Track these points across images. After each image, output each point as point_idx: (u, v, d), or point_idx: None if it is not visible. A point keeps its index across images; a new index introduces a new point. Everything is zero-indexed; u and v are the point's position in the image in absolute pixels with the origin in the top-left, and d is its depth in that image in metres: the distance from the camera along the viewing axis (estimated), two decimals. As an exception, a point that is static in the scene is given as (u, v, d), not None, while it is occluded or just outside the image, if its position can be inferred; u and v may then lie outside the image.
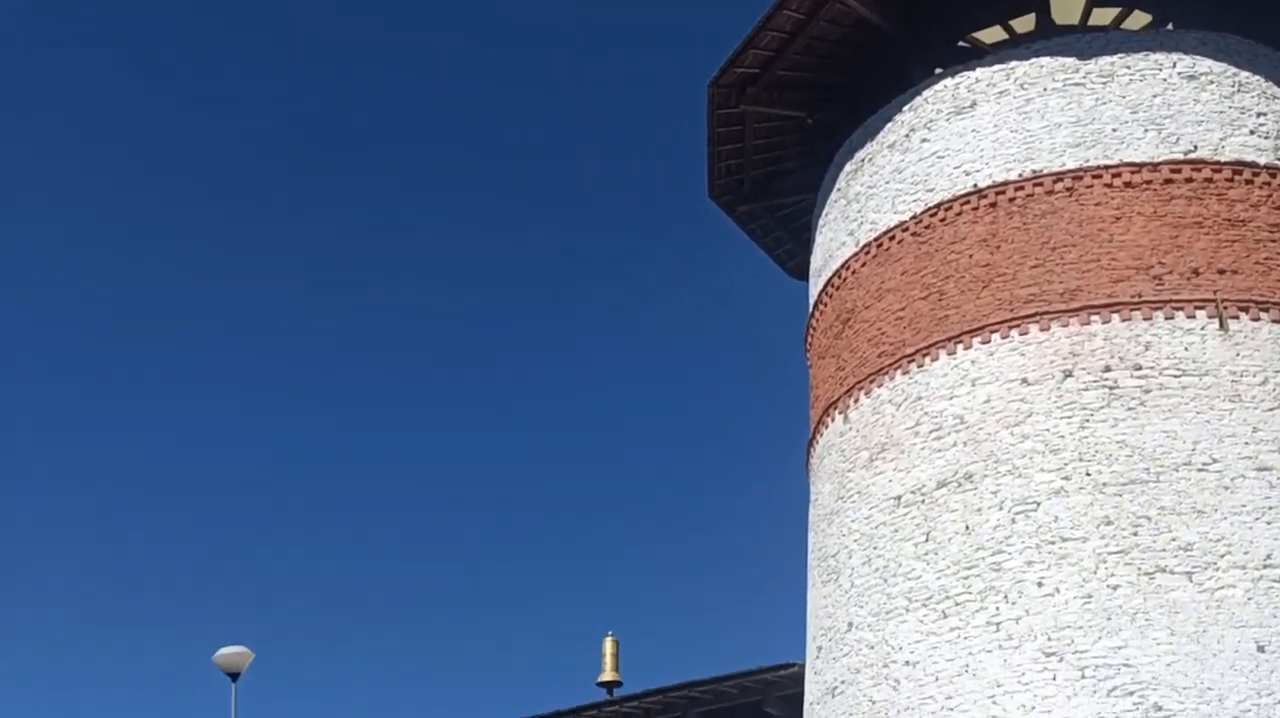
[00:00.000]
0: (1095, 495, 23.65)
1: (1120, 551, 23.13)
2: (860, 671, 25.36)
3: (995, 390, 25.25)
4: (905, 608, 24.84)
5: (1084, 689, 22.31)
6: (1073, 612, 22.91)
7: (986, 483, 24.66)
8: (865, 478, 26.87)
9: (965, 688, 23.38)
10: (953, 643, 23.89)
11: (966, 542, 24.47)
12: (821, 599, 27.56)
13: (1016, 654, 23.07)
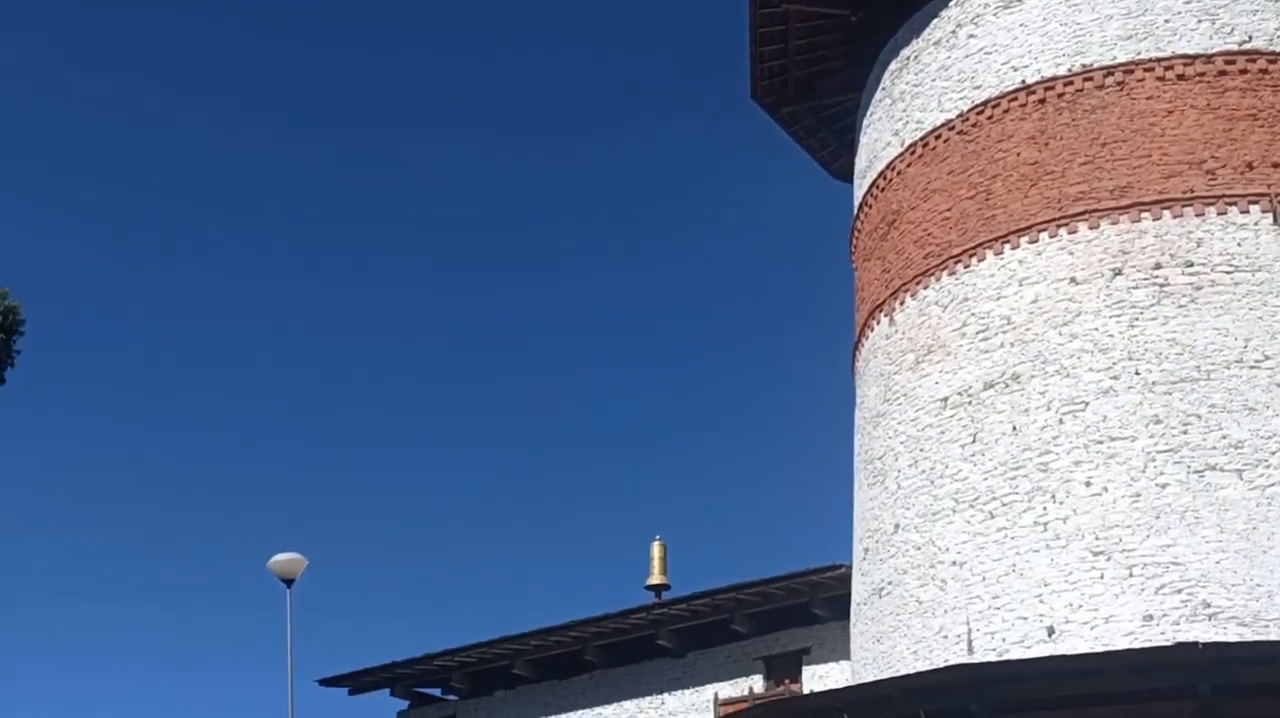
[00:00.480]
0: (1145, 394, 23.47)
1: (1170, 449, 22.99)
2: (907, 571, 25.49)
3: (1043, 290, 24.99)
4: (952, 509, 24.88)
5: (1132, 588, 22.32)
6: (1121, 511, 22.86)
7: (1034, 384, 24.50)
8: (911, 380, 26.78)
9: (1012, 588, 23.46)
10: (1000, 543, 23.93)
11: (1014, 443, 24.39)
12: (868, 502, 27.65)
13: (1064, 554, 23.08)
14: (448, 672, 38.80)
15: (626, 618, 35.05)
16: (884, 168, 28.90)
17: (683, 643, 34.81)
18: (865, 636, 26.91)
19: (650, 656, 35.30)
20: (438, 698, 40.48)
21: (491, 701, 38.50)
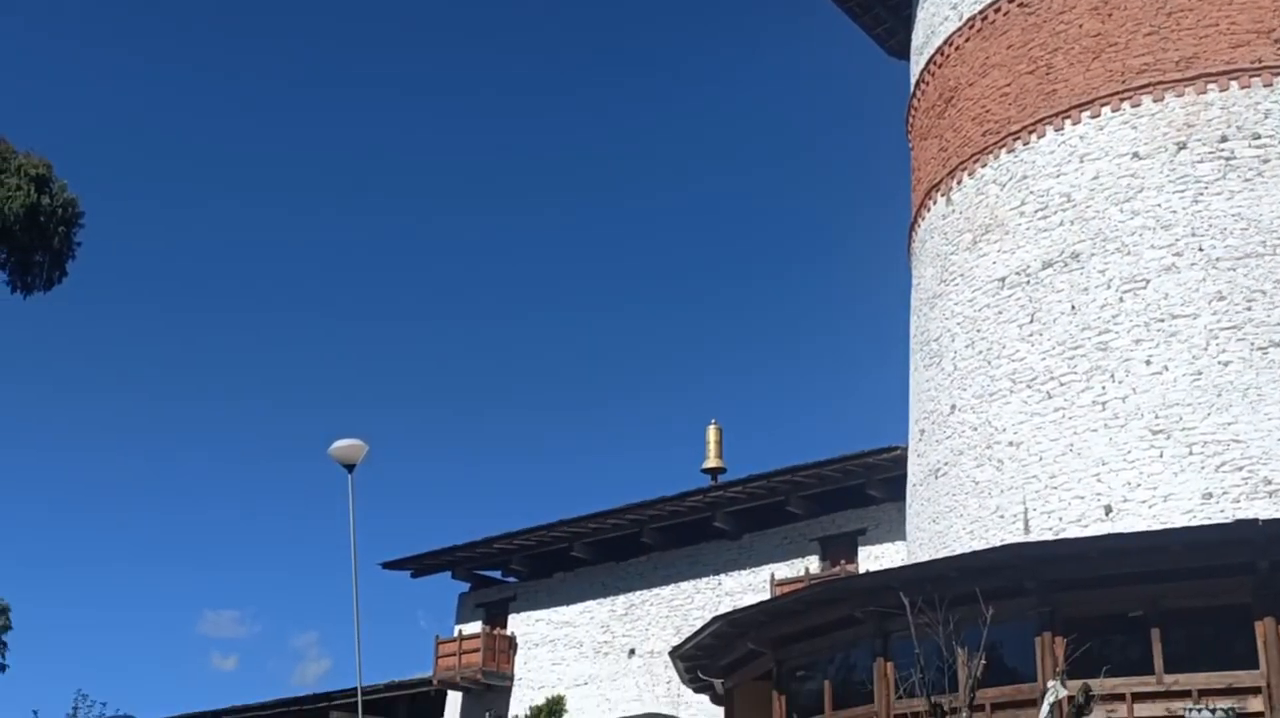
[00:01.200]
0: (1208, 271, 23.08)
1: (1232, 326, 22.66)
2: (963, 452, 25.47)
3: (1105, 166, 24.50)
4: (1009, 389, 24.74)
5: (1191, 466, 22.19)
6: (1181, 389, 22.64)
7: (1094, 262, 24.16)
8: (968, 260, 26.48)
9: (1070, 467, 23.39)
10: (1057, 423, 23.82)
11: (1073, 322, 24.13)
12: (924, 383, 27.55)
13: (1122, 433, 22.94)
14: (507, 555, 39.48)
15: (683, 501, 35.42)
16: (941, 44, 28.25)
17: (739, 525, 35.17)
18: (921, 516, 27.01)
19: (707, 537, 35.71)
20: (497, 580, 41.26)
21: (550, 582, 39.19)
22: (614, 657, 36.81)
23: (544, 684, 37.46)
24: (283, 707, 43.21)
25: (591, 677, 36.91)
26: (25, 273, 13.11)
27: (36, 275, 13.24)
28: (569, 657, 37.77)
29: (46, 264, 13.22)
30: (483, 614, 40.34)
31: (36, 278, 13.27)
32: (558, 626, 38.47)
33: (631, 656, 36.42)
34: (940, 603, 16.86)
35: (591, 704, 34.54)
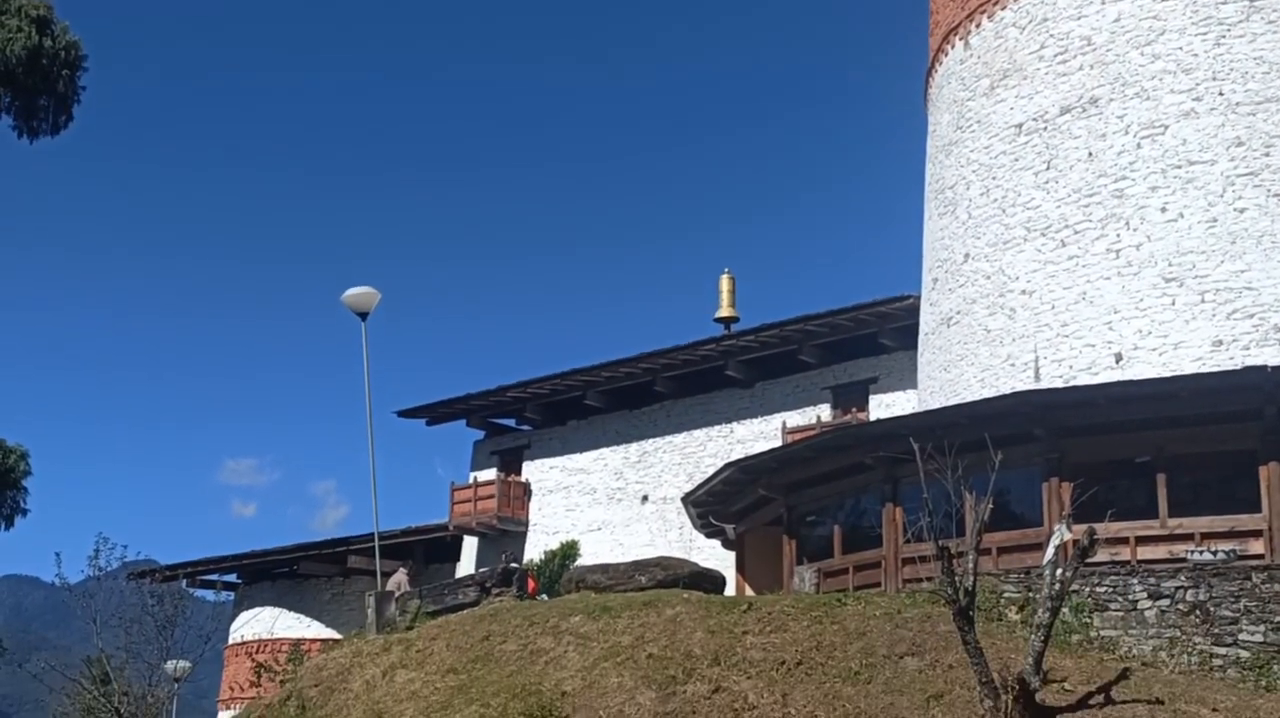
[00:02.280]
0: (1227, 116, 22.75)
1: (1250, 173, 22.42)
2: (976, 301, 25.46)
3: (1126, 8, 23.96)
4: (1023, 238, 24.62)
5: (1203, 313, 22.18)
6: (1196, 236, 22.51)
7: (1113, 107, 23.81)
8: (985, 106, 26.10)
9: (1082, 315, 23.40)
10: (1070, 271, 23.75)
11: (1089, 169, 23.89)
12: (938, 231, 27.41)
13: (1135, 281, 22.89)
14: (521, 403, 39.87)
15: (696, 349, 35.58)
16: (961, -120, 27.41)
17: (751, 373, 35.38)
18: (932, 364, 27.13)
19: (719, 386, 35.97)
20: (512, 428, 41.73)
21: (564, 430, 39.64)
22: (627, 503, 37.42)
23: (558, 530, 38.16)
24: (302, 552, 44.16)
25: (605, 522, 37.57)
26: (30, 117, 12.98)
27: (42, 120, 13.11)
28: (582, 503, 38.40)
29: (51, 108, 13.07)
30: (497, 462, 40.90)
31: (42, 122, 13.15)
32: (571, 472, 39.02)
33: (644, 502, 37.01)
34: (950, 449, 17.00)
35: (605, 549, 35.19)
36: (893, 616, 18.58)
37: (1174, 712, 15.34)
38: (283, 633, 42.85)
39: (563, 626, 20.47)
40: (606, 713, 16.92)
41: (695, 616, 19.63)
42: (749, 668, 17.75)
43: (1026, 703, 15.28)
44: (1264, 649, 16.69)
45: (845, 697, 16.56)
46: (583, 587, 23.67)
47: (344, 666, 21.81)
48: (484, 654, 20.35)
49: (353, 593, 41.37)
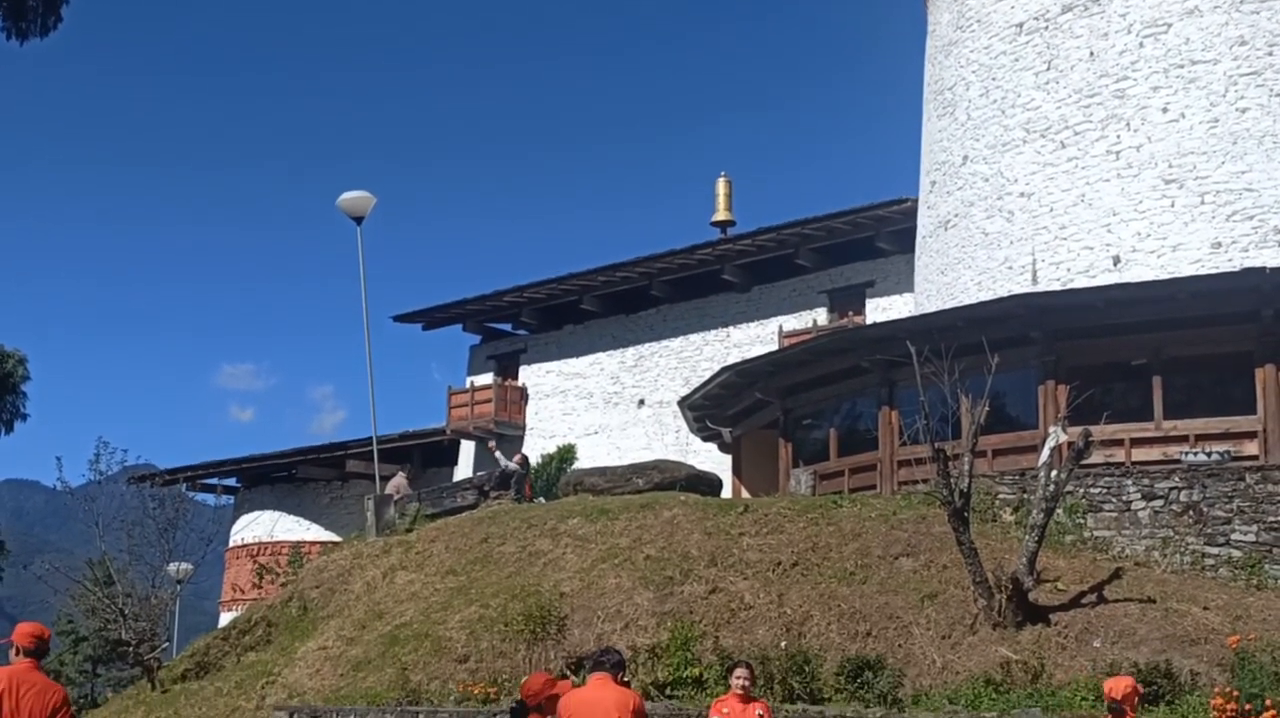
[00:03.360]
0: (1231, 14, 22.43)
1: (1253, 72, 22.17)
2: (974, 203, 25.32)
3: (1131, -96, 23.53)
4: (1023, 139, 24.41)
5: (1202, 215, 22.09)
6: (1197, 137, 22.33)
7: (1115, 5, 23.45)
8: (986, 5, 25.71)
9: (1080, 218, 23.29)
10: (1070, 173, 23.59)
11: (1090, 69, 23.61)
12: (937, 133, 27.17)
13: (1135, 183, 22.75)
14: (517, 308, 39.84)
15: (692, 254, 35.48)
16: None
17: (748, 278, 35.32)
18: (929, 268, 27.07)
19: (716, 290, 35.93)
20: (508, 333, 41.75)
21: (560, 335, 39.66)
22: (623, 407, 37.57)
23: (555, 434, 38.36)
24: (300, 456, 44.40)
25: (601, 426, 37.75)
26: (19, 17, 12.74)
27: (31, 20, 12.87)
28: (579, 407, 38.54)
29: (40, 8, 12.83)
30: (494, 366, 40.97)
31: (31, 23, 12.91)
32: (568, 377, 39.12)
33: (641, 406, 37.16)
34: (946, 353, 17.03)
35: (601, 453, 35.40)
36: (888, 517, 18.76)
37: (1166, 611, 15.55)
38: (283, 536, 43.25)
39: (561, 528, 20.66)
40: (604, 613, 17.14)
41: (692, 518, 19.81)
42: (745, 569, 17.96)
43: (1020, 602, 15.49)
44: (1256, 549, 16.88)
45: (840, 597, 16.77)
46: (580, 490, 23.86)
47: (344, 567, 22.05)
48: (483, 556, 20.56)
49: (351, 497, 41.68)
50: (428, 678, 16.56)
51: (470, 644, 17.36)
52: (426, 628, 18.20)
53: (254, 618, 22.43)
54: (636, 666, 15.17)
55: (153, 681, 21.39)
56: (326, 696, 16.95)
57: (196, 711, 18.91)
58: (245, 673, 19.61)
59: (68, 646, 46.76)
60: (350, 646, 18.68)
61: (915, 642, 15.63)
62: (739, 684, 10.94)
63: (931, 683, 14.83)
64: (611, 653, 8.10)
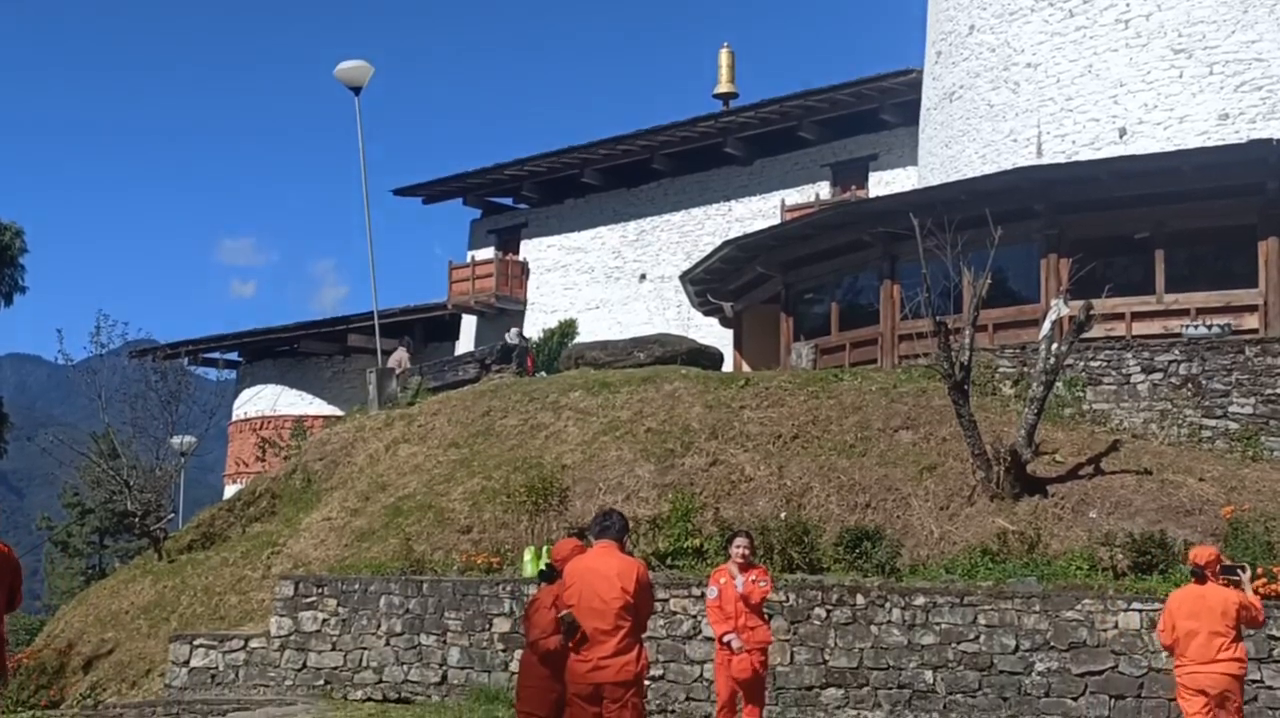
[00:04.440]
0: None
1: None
2: (980, 74, 24.95)
3: None
4: (1030, 8, 23.95)
5: (1210, 86, 21.78)
6: (1207, 6, 21.90)
7: None
8: None
9: (1087, 89, 22.97)
10: (1077, 43, 23.20)
11: (1101, -65, 23.05)
12: (942, 2, 26.66)
13: (1143, 53, 22.39)
14: (518, 181, 39.53)
15: (694, 126, 35.08)
16: None
17: (750, 151, 34.97)
18: (934, 140, 26.80)
19: (718, 163, 35.60)
20: (509, 207, 41.49)
21: (561, 208, 39.42)
22: (625, 282, 37.50)
23: (556, 309, 38.35)
24: (302, 330, 44.46)
25: (603, 301, 37.72)
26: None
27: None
28: (580, 282, 38.48)
29: None
30: (495, 241, 40.81)
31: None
32: (569, 251, 38.98)
33: (642, 280, 37.09)
34: (949, 226, 16.92)
35: (603, 328, 35.40)
36: (888, 390, 18.83)
37: (1162, 482, 15.70)
38: (285, 410, 43.52)
39: (562, 401, 20.76)
40: (606, 485, 17.31)
41: (693, 391, 19.89)
42: (746, 442, 18.09)
43: (1018, 474, 15.64)
44: (1253, 421, 16.98)
45: (840, 469, 16.92)
46: (582, 363, 23.91)
47: (347, 440, 22.21)
48: (485, 429, 20.69)
49: (353, 371, 41.83)
50: (431, 548, 16.79)
51: (473, 515, 17.56)
52: (429, 500, 18.40)
53: (258, 490, 22.68)
54: (638, 536, 15.37)
55: (159, 551, 21.70)
56: (331, 565, 17.21)
57: (203, 580, 19.21)
58: (250, 544, 19.89)
59: (75, 518, 47.40)
60: (354, 517, 18.90)
61: (913, 513, 15.82)
62: (739, 554, 11.08)
63: (929, 553, 15.03)
64: (613, 517, 8.01)
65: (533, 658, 7.59)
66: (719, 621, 10.93)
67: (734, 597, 10.83)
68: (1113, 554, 13.84)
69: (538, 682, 7.49)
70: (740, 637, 10.77)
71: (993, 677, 13.01)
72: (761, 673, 10.96)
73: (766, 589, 11.01)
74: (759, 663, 10.92)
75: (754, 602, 10.91)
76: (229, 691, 15.48)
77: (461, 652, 14.83)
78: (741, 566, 11.01)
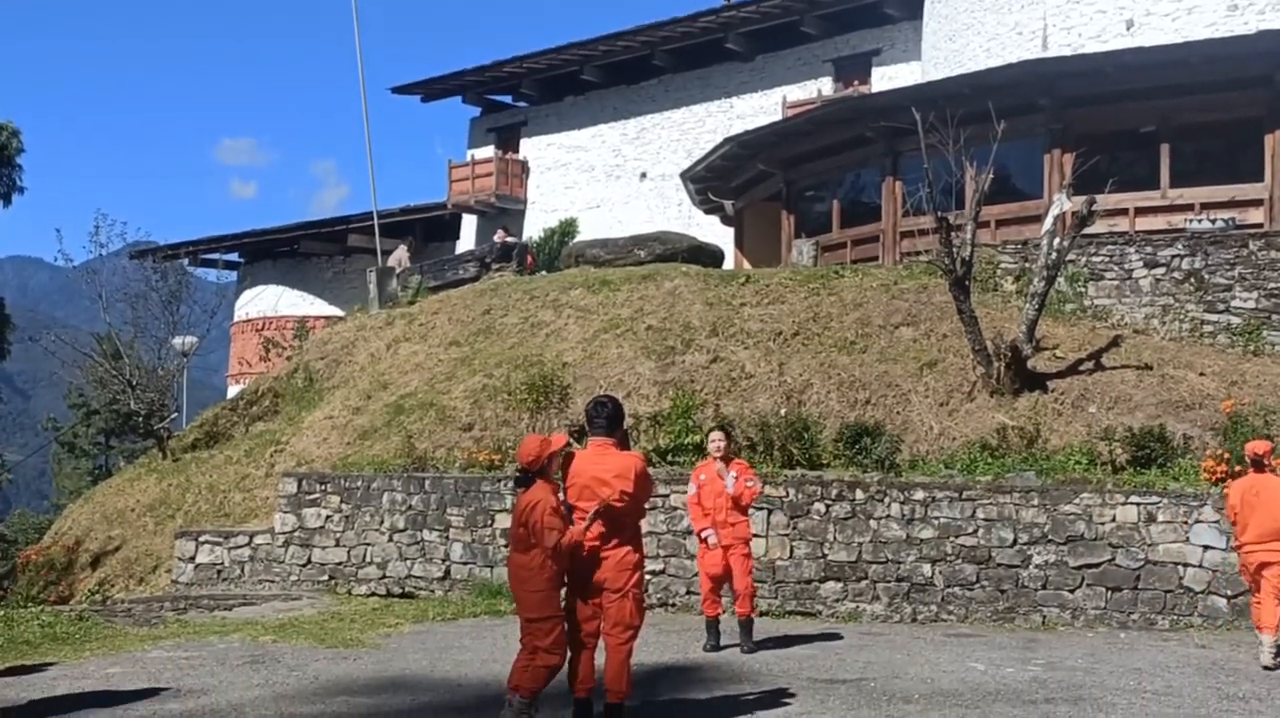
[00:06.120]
0: None
1: None
2: (985, -35, 24.46)
3: None
4: (1038, -104, 23.45)
5: (1221, -23, 21.37)
6: (1220, -106, 21.45)
7: None
8: None
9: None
10: (1086, -68, 22.73)
11: None
12: (949, -109, 26.11)
13: (1153, -58, 21.94)
14: (517, 79, 39.04)
15: (695, 22, 34.52)
16: None
17: (751, 46, 34.47)
18: (937, 34, 26.39)
19: (719, 59, 35.12)
20: (509, 105, 41.02)
21: (561, 106, 38.98)
22: (625, 180, 37.22)
23: (556, 208, 38.12)
24: (302, 231, 44.28)
25: (603, 200, 37.47)
26: None
27: None
28: (581, 180, 38.19)
29: None
30: (495, 139, 40.42)
31: None
32: (569, 150, 38.63)
33: (643, 179, 36.81)
34: (952, 121, 16.73)
35: (603, 227, 35.19)
36: (889, 287, 18.77)
37: (1162, 377, 15.71)
38: (287, 311, 43.49)
39: (563, 299, 20.71)
40: (607, 383, 17.34)
41: (693, 288, 19.83)
42: (746, 339, 18.07)
43: (1018, 369, 15.64)
44: (1255, 315, 16.94)
45: (840, 365, 16.92)
46: (582, 262, 23.81)
47: (348, 339, 22.22)
48: (485, 328, 20.68)
49: (354, 271, 41.73)
50: (433, 446, 16.87)
51: (474, 413, 17.62)
52: (431, 398, 18.45)
53: (261, 390, 22.75)
54: (639, 433, 15.42)
55: (164, 450, 21.83)
56: (334, 463, 17.31)
57: (207, 478, 19.35)
58: (254, 442, 19.99)
59: (80, 418, 47.67)
60: (356, 415, 18.97)
61: (913, 409, 15.86)
62: (715, 448, 11.07)
63: (929, 449, 15.10)
64: (603, 408, 7.74)
65: (532, 561, 7.36)
66: (698, 517, 10.98)
67: (714, 493, 10.84)
68: (1112, 449, 13.89)
69: (545, 584, 7.33)
70: (719, 532, 10.81)
71: (990, 570, 13.14)
72: (741, 568, 10.92)
73: (757, 490, 11.03)
74: (741, 556, 10.91)
75: (745, 503, 10.95)
76: (235, 586, 15.66)
77: (464, 547, 14.97)
78: (720, 459, 10.97)
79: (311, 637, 11.57)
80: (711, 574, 10.94)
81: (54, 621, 12.35)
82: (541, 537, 7.29)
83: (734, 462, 11.14)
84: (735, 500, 10.86)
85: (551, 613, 7.36)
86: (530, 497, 7.43)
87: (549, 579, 7.36)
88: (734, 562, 10.91)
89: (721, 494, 10.84)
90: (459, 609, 13.51)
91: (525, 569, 7.39)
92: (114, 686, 9.13)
